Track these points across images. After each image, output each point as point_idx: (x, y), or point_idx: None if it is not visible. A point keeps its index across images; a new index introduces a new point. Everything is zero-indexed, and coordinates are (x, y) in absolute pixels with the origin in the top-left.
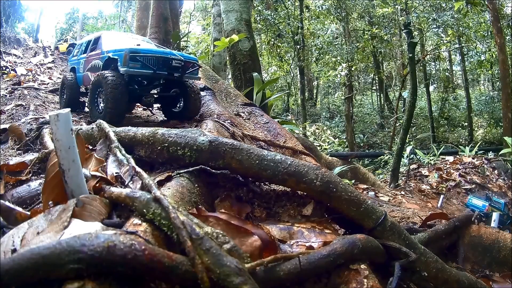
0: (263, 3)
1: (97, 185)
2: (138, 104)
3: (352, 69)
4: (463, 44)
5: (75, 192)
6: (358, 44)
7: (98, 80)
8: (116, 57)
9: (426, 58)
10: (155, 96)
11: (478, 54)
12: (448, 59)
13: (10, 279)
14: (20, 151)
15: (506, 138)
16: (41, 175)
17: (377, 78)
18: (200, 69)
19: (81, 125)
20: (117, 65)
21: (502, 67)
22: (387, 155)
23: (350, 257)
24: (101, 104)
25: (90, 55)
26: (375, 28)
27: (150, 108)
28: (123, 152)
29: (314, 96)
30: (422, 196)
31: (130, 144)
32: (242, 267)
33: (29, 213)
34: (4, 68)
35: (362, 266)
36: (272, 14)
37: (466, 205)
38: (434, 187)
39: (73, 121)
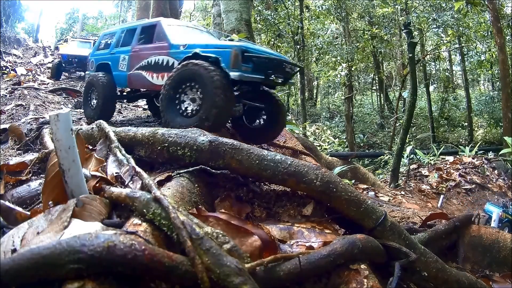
0: (263, 3)
1: (97, 185)
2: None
3: (352, 69)
4: (463, 44)
5: (75, 192)
6: (358, 44)
7: (191, 78)
8: (214, 55)
9: (426, 58)
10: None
11: (478, 54)
12: (448, 59)
13: (10, 279)
14: (20, 151)
15: (506, 138)
16: (41, 175)
17: (377, 78)
18: None
19: (81, 125)
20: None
21: (502, 67)
22: (387, 155)
23: (350, 257)
24: (191, 107)
25: (141, 48)
26: (375, 28)
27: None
28: (123, 152)
29: (314, 96)
30: (422, 196)
31: (130, 144)
32: (242, 267)
33: (29, 213)
34: (4, 68)
35: (362, 266)
36: (272, 14)
37: (484, 210)
38: (434, 187)
39: (73, 121)
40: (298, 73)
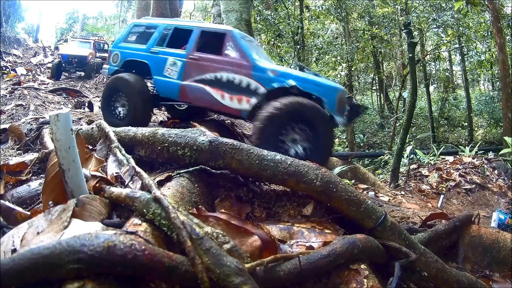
0: (263, 3)
1: (97, 185)
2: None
3: (352, 69)
4: (463, 44)
5: (75, 192)
6: (358, 44)
7: (300, 116)
8: (317, 94)
9: (426, 58)
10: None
11: (478, 54)
12: (448, 59)
13: (10, 279)
14: (20, 151)
15: (506, 138)
16: (41, 175)
17: (377, 78)
18: None
19: (81, 125)
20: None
21: (502, 67)
22: (387, 155)
23: (350, 257)
24: (300, 148)
25: (204, 58)
26: (375, 28)
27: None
28: (123, 152)
29: None
30: (422, 196)
31: (130, 144)
32: (242, 267)
33: (29, 213)
34: (4, 68)
35: (362, 266)
36: (272, 14)
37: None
38: (434, 187)
39: (73, 121)
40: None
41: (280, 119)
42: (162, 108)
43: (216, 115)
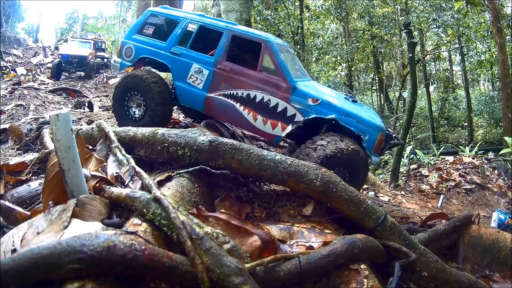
0: (263, 3)
1: (97, 185)
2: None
3: (352, 69)
4: (463, 44)
5: (75, 192)
6: (358, 44)
7: (341, 159)
8: (357, 132)
9: (426, 58)
10: None
11: (478, 54)
12: (448, 59)
13: (10, 279)
14: (20, 151)
15: (506, 138)
16: (41, 175)
17: (377, 78)
18: None
19: (81, 125)
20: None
21: (502, 67)
22: (387, 155)
23: (350, 257)
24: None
25: (236, 70)
26: (375, 28)
27: None
28: (123, 152)
29: None
30: (422, 196)
31: (130, 144)
32: (242, 267)
33: (29, 213)
34: (4, 68)
35: (362, 266)
36: (272, 14)
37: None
38: (434, 187)
39: (73, 121)
40: None
41: (337, 160)
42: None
43: None
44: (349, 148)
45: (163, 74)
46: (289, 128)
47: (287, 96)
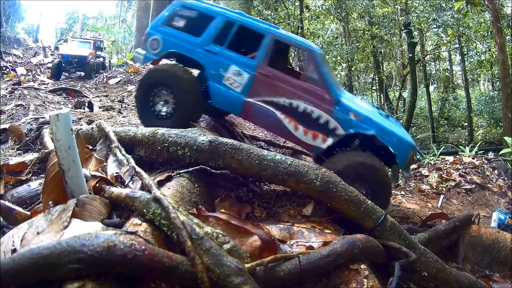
0: (263, 3)
1: (97, 185)
2: None
3: (352, 69)
4: (463, 44)
5: (75, 192)
6: (358, 44)
7: (362, 172)
8: (393, 148)
9: (426, 58)
10: None
11: (478, 54)
12: (448, 59)
13: (10, 279)
14: (20, 151)
15: (506, 138)
16: (41, 175)
17: (377, 78)
18: None
19: (81, 125)
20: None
21: (502, 67)
22: None
23: (350, 257)
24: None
25: (278, 76)
26: (375, 28)
27: None
28: (123, 152)
29: None
30: (422, 196)
31: (130, 144)
32: (242, 267)
33: (29, 213)
34: (4, 68)
35: (362, 266)
36: (272, 14)
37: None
38: (434, 187)
39: (73, 121)
40: None
41: (348, 174)
42: None
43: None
44: (381, 169)
45: None
46: (330, 141)
47: (330, 109)
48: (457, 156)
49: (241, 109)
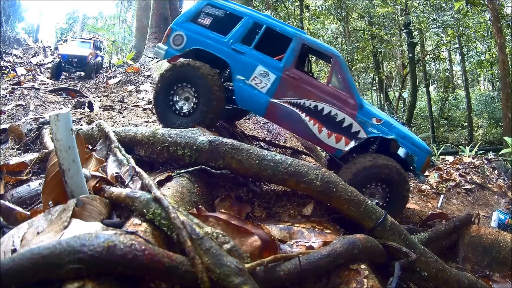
0: (263, 3)
1: (97, 185)
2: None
3: (352, 69)
4: (463, 44)
5: (75, 192)
6: (358, 44)
7: (382, 175)
8: (410, 153)
9: (426, 58)
10: None
11: (478, 54)
12: (448, 59)
13: (10, 279)
14: (20, 151)
15: (506, 138)
16: (41, 175)
17: (377, 78)
18: None
19: (81, 125)
20: (389, 151)
21: (502, 67)
22: None
23: (350, 257)
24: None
25: (305, 79)
26: (375, 28)
27: None
28: (123, 152)
29: None
30: (422, 196)
31: (130, 144)
32: (242, 267)
33: (29, 213)
34: (4, 68)
35: (362, 266)
36: (272, 14)
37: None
38: (434, 187)
39: (73, 121)
40: None
41: (365, 179)
42: None
43: None
44: (398, 168)
45: None
46: (352, 144)
47: (354, 113)
48: (457, 156)
49: (265, 109)
